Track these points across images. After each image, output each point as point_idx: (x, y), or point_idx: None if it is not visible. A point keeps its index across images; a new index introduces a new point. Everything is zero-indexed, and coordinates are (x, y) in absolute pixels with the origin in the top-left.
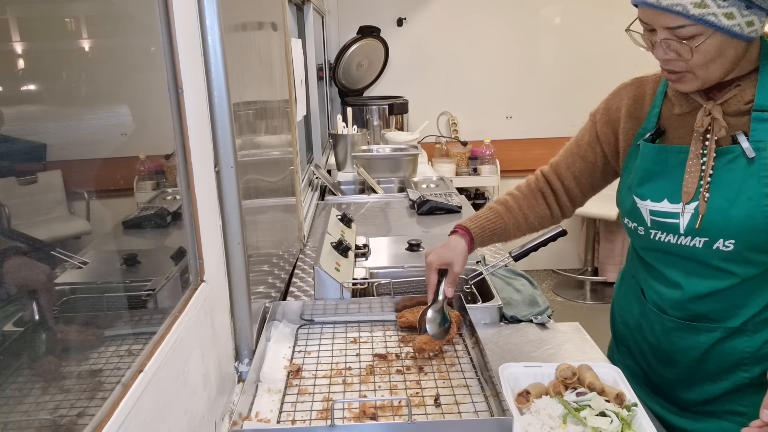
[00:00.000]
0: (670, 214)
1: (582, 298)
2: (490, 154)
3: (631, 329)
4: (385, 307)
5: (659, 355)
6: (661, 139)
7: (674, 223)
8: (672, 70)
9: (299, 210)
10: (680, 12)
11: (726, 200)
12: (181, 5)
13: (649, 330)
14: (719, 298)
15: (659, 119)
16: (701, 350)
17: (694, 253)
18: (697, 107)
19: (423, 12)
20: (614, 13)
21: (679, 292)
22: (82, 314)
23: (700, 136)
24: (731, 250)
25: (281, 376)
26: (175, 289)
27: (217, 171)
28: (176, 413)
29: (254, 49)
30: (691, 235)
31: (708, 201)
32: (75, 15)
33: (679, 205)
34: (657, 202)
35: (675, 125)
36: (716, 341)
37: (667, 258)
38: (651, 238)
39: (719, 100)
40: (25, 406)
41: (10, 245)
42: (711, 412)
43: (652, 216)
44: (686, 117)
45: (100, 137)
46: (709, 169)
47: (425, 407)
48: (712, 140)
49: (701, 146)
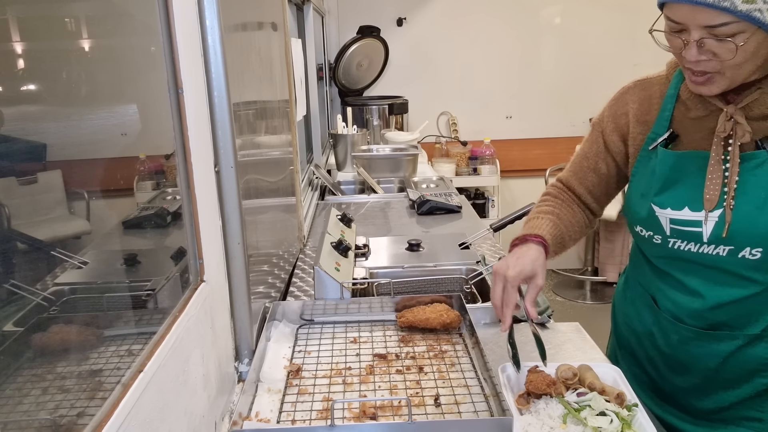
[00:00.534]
0: (692, 222)
1: (582, 298)
2: (490, 154)
3: (639, 337)
4: (385, 307)
5: (672, 364)
6: (675, 144)
7: (696, 232)
8: (703, 71)
9: (299, 210)
10: (727, 8)
11: (754, 207)
12: (181, 5)
13: (662, 339)
14: (740, 306)
15: (671, 123)
16: (720, 358)
17: (717, 261)
18: (715, 111)
19: (423, 12)
20: (614, 13)
21: (699, 301)
22: (82, 314)
23: (722, 141)
24: (758, 258)
25: (281, 376)
26: (175, 289)
27: (217, 171)
28: (176, 413)
29: (254, 49)
30: (715, 244)
31: (734, 209)
32: (75, 15)
33: (701, 213)
34: (678, 210)
35: (690, 130)
36: (736, 349)
37: (687, 266)
38: (669, 247)
39: (740, 104)
40: (25, 406)
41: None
42: (727, 419)
43: (673, 225)
44: (703, 121)
45: (100, 137)
46: (734, 176)
47: (425, 407)
48: (735, 145)
49: (722, 151)
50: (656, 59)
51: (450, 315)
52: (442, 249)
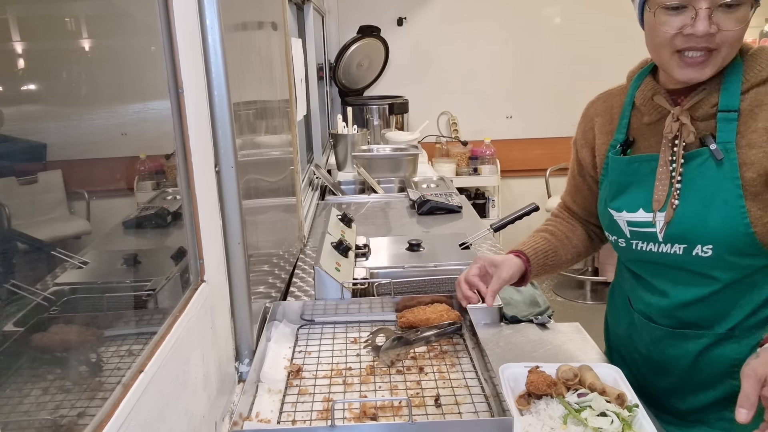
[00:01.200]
0: (647, 223)
1: (582, 298)
2: (491, 153)
3: (622, 340)
4: (386, 307)
5: (651, 365)
6: (632, 149)
7: (652, 232)
8: (706, 48)
9: (299, 210)
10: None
11: (701, 205)
12: (181, 5)
13: (638, 340)
14: (705, 304)
15: (629, 129)
16: (691, 358)
17: (676, 260)
18: (666, 114)
19: (423, 12)
20: (614, 13)
21: (665, 300)
22: (83, 314)
23: (669, 143)
24: (710, 255)
25: (281, 377)
26: (176, 289)
27: (218, 171)
28: (176, 413)
29: (254, 48)
30: (669, 243)
31: (680, 207)
32: (75, 15)
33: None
34: (632, 213)
35: (645, 135)
36: (705, 348)
37: (653, 267)
38: (633, 249)
39: (686, 105)
40: (25, 406)
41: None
42: (702, 420)
43: (630, 227)
44: (656, 125)
45: (100, 137)
46: (677, 175)
47: (425, 407)
48: (680, 145)
49: (670, 153)
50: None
51: (450, 315)
52: (443, 249)
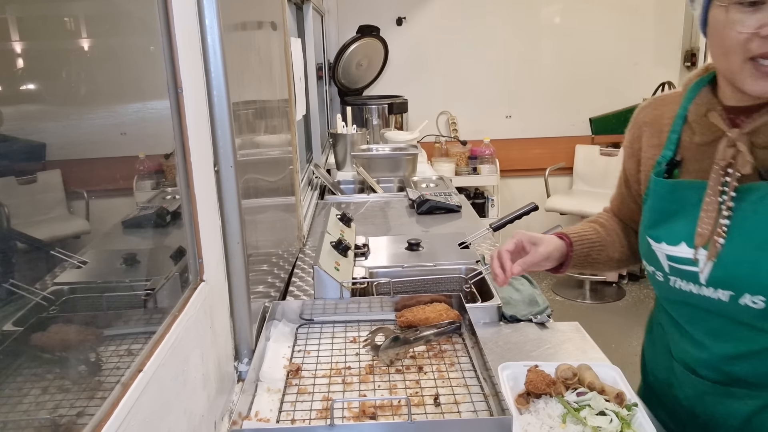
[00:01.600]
0: (688, 260)
1: (581, 297)
2: (490, 153)
3: (662, 386)
4: (385, 306)
5: (695, 423)
6: (680, 171)
7: (693, 272)
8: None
9: (299, 209)
10: None
11: (755, 248)
12: (181, 4)
13: (680, 390)
14: (756, 359)
15: (678, 147)
16: (741, 420)
17: (720, 307)
18: (721, 136)
19: (423, 11)
20: (614, 12)
21: (706, 353)
22: (82, 314)
23: (722, 170)
24: (763, 308)
25: (281, 376)
26: (175, 289)
27: (217, 170)
28: (176, 413)
29: (254, 48)
30: (713, 286)
31: (727, 248)
32: (75, 14)
33: None
34: (673, 246)
35: (697, 156)
36: (759, 410)
37: (693, 312)
38: (671, 286)
39: (746, 129)
40: (24, 406)
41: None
42: None
43: (670, 261)
44: (708, 147)
45: (99, 137)
46: (726, 210)
47: (425, 407)
48: (733, 176)
49: (721, 182)
50: (656, 59)
51: (449, 314)
52: (442, 248)
